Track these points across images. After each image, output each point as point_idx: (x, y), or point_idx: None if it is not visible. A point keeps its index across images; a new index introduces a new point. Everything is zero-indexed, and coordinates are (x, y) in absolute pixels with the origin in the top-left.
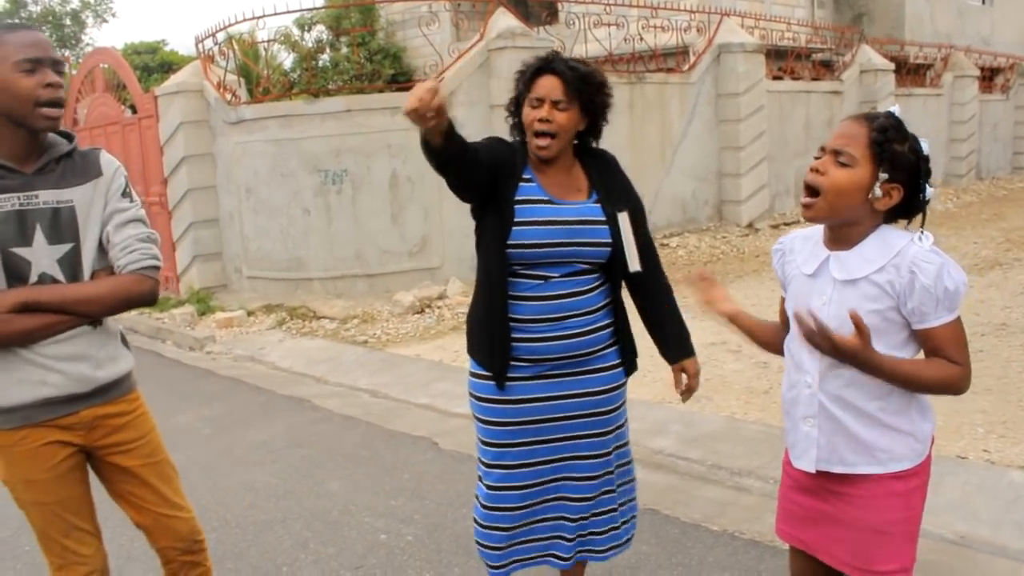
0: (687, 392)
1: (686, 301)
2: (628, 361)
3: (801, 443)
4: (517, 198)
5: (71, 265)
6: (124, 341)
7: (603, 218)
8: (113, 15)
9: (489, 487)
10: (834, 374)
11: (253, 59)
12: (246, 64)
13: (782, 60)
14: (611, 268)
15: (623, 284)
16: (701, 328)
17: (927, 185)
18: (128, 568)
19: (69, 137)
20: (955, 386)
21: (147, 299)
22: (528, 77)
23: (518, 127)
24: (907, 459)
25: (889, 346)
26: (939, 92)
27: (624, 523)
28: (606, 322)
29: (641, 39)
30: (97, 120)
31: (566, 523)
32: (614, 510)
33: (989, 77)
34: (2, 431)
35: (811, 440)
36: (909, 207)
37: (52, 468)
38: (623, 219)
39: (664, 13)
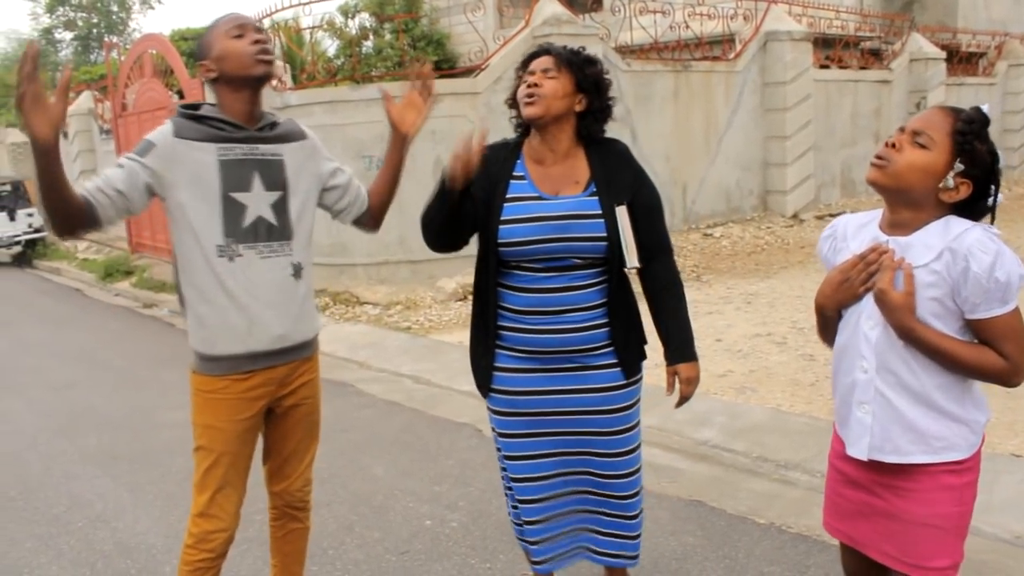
0: (680, 400)
1: (729, 292)
2: (630, 363)
3: (855, 430)
4: (507, 196)
5: (281, 211)
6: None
7: (598, 211)
8: (160, 1)
9: (513, 479)
10: (892, 357)
11: (298, 45)
12: (291, 50)
13: (830, 48)
14: (610, 264)
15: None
16: (746, 319)
17: (998, 191)
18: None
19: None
20: (1000, 379)
21: None
22: (525, 61)
23: (517, 118)
24: (961, 449)
25: (949, 332)
26: (992, 81)
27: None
28: (603, 320)
29: (687, 27)
30: (145, 105)
31: (602, 517)
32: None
33: None
34: (206, 377)
35: (864, 427)
36: (974, 209)
37: (238, 422)
38: (621, 212)
39: (710, 1)
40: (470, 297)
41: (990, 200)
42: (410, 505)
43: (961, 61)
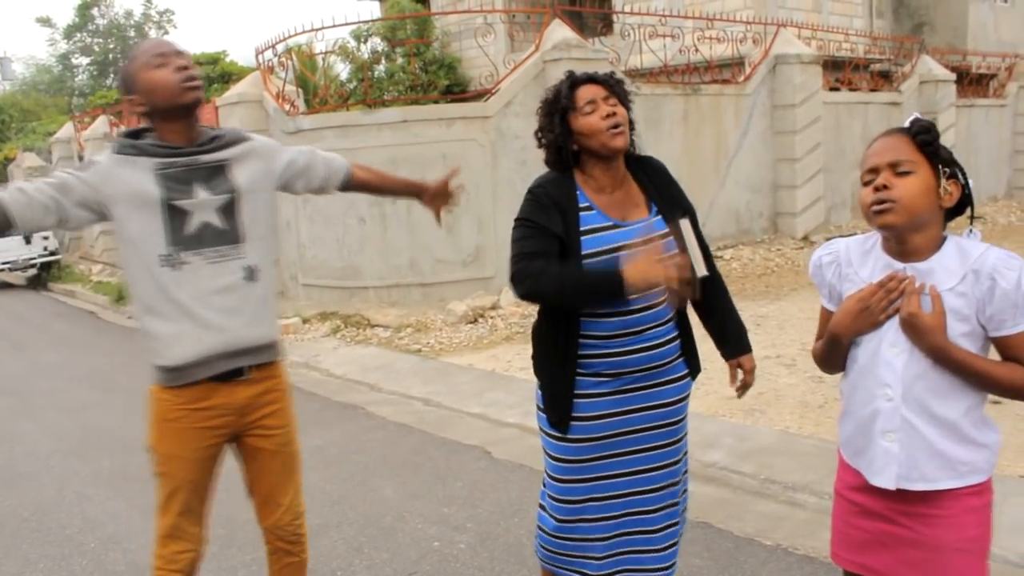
0: (742, 388)
1: (740, 314)
2: (694, 366)
3: (880, 459)
4: (582, 229)
5: (229, 215)
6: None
7: (667, 230)
8: (174, 27)
9: (560, 500)
10: (919, 385)
11: (311, 70)
12: (304, 75)
13: (839, 71)
14: None
15: None
16: (755, 341)
17: (968, 178)
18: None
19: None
20: None
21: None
22: (567, 91)
23: (563, 147)
24: (984, 471)
25: (977, 352)
26: (1003, 103)
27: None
28: (675, 333)
29: (696, 50)
30: None
31: (640, 536)
32: (675, 524)
33: None
34: (163, 392)
35: (891, 456)
36: (959, 206)
37: (197, 450)
38: (685, 225)
39: (719, 24)
40: (480, 320)
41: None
42: (419, 527)
43: (971, 83)
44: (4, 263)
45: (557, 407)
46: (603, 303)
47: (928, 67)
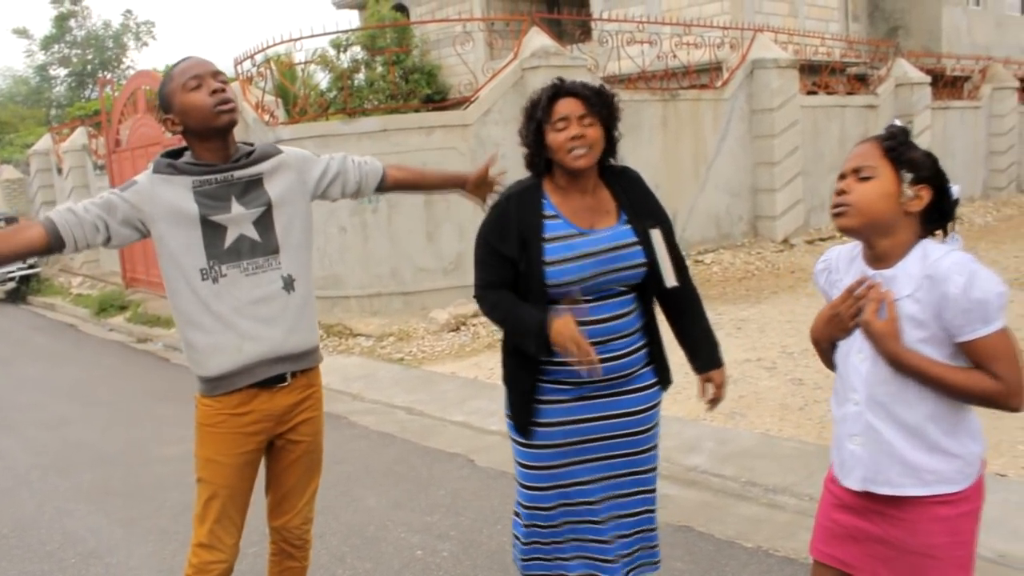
0: (712, 403)
1: (719, 318)
2: (663, 378)
3: (848, 461)
4: (545, 236)
5: (265, 227)
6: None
7: (636, 239)
8: (153, 38)
9: (525, 506)
10: (881, 390)
11: (290, 80)
12: (283, 85)
13: (816, 75)
14: (645, 286)
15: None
16: (736, 344)
17: (950, 184)
18: None
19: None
20: (995, 401)
21: None
22: (545, 103)
23: (536, 155)
24: (955, 482)
25: (941, 358)
26: (977, 104)
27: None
28: (643, 343)
29: (674, 56)
30: (139, 141)
31: (606, 546)
32: (652, 530)
33: None
34: (206, 401)
35: (857, 459)
36: (942, 212)
37: (236, 456)
38: (656, 236)
39: (697, 30)
40: (463, 328)
41: (953, 196)
42: (402, 536)
43: (946, 85)
44: None
45: (520, 412)
46: (524, 343)
47: (904, 70)
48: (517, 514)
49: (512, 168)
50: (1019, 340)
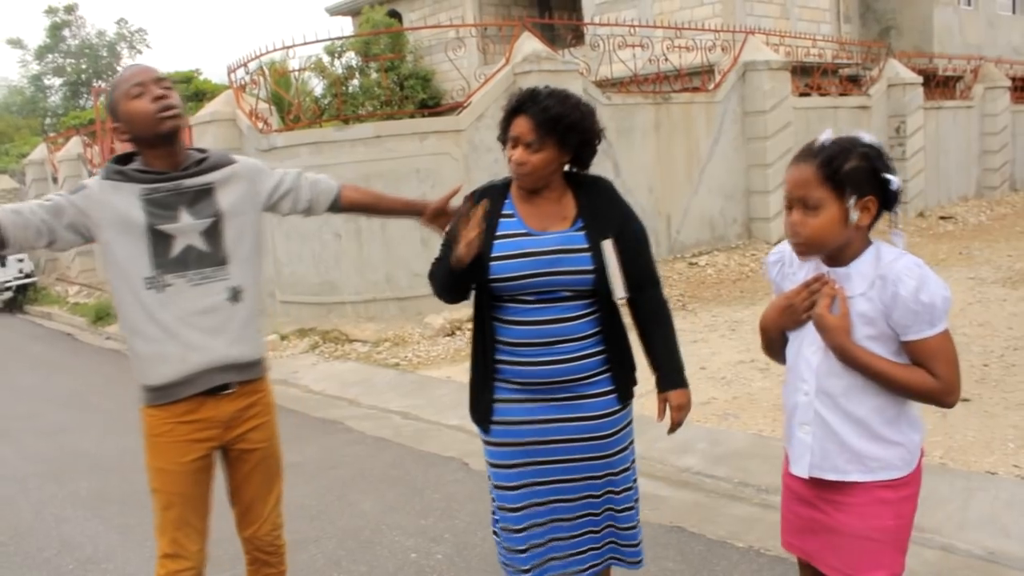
0: (671, 427)
1: (715, 320)
2: (624, 389)
3: (797, 449)
4: (498, 233)
5: (214, 237)
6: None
7: (585, 246)
8: (148, 46)
9: (501, 507)
10: (830, 382)
11: (284, 87)
12: (277, 92)
13: (808, 76)
14: (602, 295)
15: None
16: (730, 346)
17: (888, 176)
18: None
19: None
20: (933, 398)
21: None
22: (505, 117)
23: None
24: (897, 468)
25: (886, 355)
26: (970, 104)
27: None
28: (597, 349)
29: (666, 59)
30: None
31: (557, 543)
32: (596, 531)
33: (1022, 88)
34: (151, 410)
35: (805, 446)
36: (889, 206)
37: (186, 464)
38: (606, 246)
39: (689, 33)
40: (458, 332)
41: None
42: (396, 539)
43: (938, 85)
44: None
45: (477, 408)
46: (449, 272)
47: (896, 71)
48: (494, 513)
49: (505, 172)
50: (1015, 338)
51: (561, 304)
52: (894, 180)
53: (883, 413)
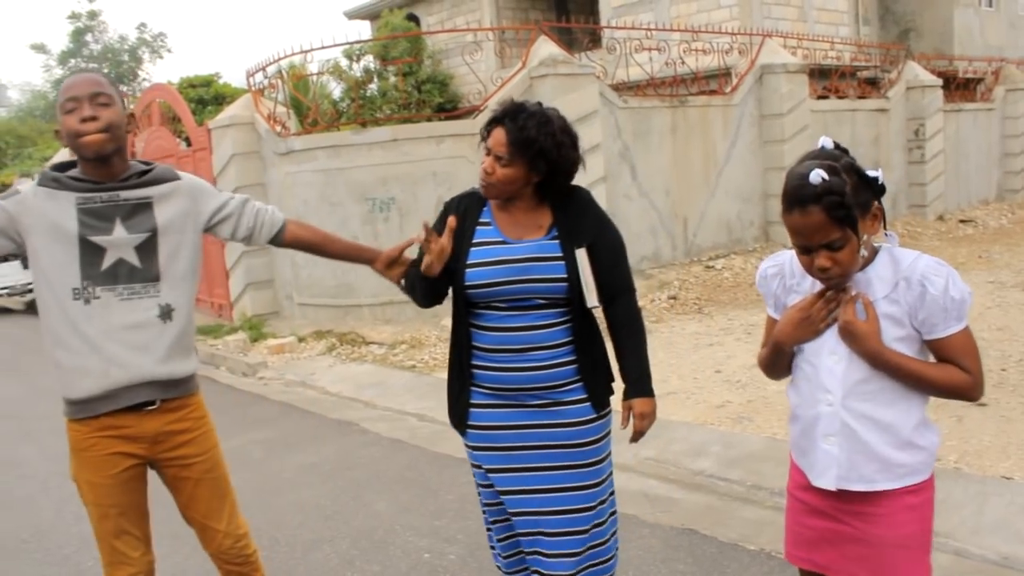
0: (634, 435)
1: (730, 323)
2: (599, 397)
3: (821, 462)
4: (474, 241)
5: (148, 253)
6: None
7: (559, 254)
8: (168, 51)
9: (487, 504)
10: (857, 390)
11: (303, 91)
12: (295, 96)
13: (826, 79)
14: (575, 304)
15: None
16: (745, 350)
17: (874, 174)
18: None
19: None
20: (965, 393)
21: None
22: (487, 123)
23: None
24: (921, 473)
25: (913, 355)
26: (990, 106)
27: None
28: (570, 358)
29: (683, 62)
30: (154, 153)
31: (541, 558)
32: (605, 542)
33: None
34: (73, 424)
35: (831, 458)
36: (877, 195)
37: (113, 476)
38: (580, 255)
39: (706, 36)
40: None
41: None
42: (410, 539)
43: (958, 87)
44: (3, 288)
45: (454, 412)
46: (421, 280)
47: (915, 73)
48: (484, 512)
49: None
50: None
51: (535, 312)
52: (879, 175)
53: (910, 418)
